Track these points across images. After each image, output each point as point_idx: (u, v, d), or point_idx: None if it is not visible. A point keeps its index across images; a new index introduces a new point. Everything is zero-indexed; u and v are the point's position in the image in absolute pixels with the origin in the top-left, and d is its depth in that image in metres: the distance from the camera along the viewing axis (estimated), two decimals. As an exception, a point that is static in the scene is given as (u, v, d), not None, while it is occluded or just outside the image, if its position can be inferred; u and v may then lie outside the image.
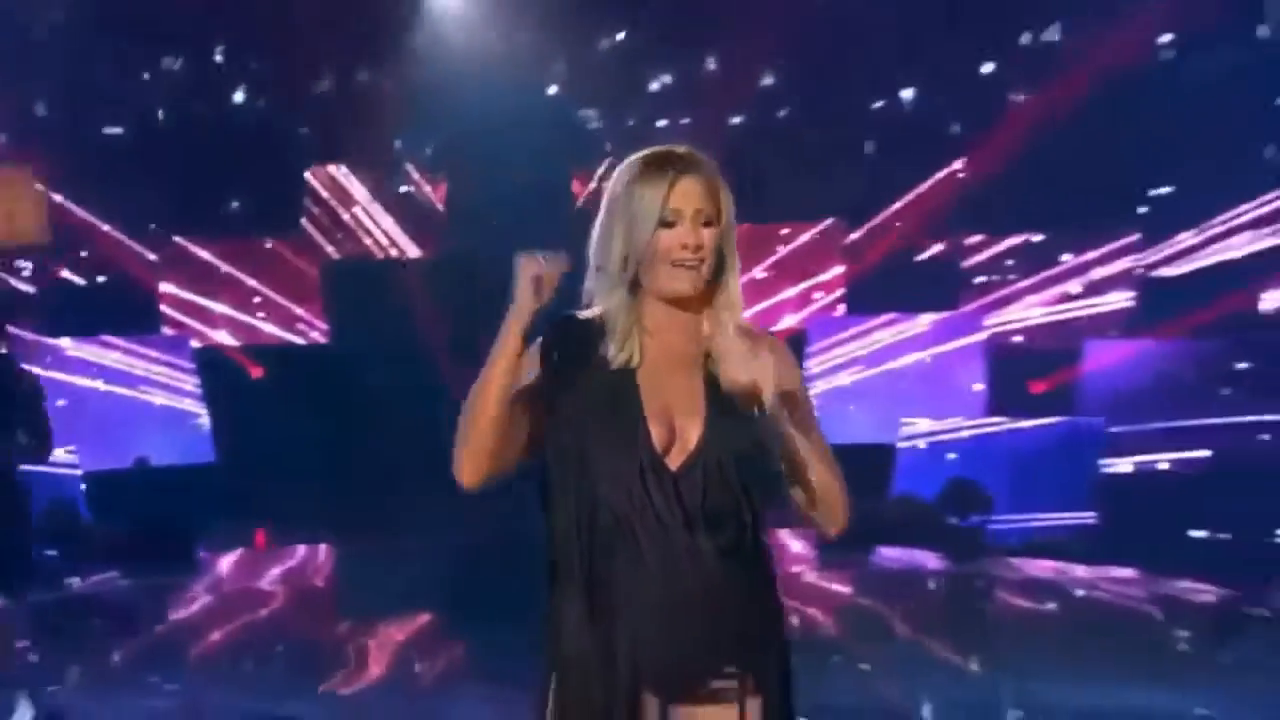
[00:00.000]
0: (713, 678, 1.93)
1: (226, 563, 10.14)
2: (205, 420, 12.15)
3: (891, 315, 12.28)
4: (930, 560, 9.92)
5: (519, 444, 1.94)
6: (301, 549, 10.54)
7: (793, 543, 10.27)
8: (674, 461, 1.91)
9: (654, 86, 13.13)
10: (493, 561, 9.08)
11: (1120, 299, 12.14)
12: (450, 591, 8.60)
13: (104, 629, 7.92)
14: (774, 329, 11.56)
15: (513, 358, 1.96)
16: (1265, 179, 11.30)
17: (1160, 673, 6.58)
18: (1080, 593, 9.20)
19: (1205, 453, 10.43)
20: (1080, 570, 9.58)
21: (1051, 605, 9.01)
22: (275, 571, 10.14)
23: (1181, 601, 8.48)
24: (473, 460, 1.96)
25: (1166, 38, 11.71)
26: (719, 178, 2.01)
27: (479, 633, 7.25)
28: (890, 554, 10.11)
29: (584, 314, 2.01)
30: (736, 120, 12.87)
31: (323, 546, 10.61)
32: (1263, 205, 11.35)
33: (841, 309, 12.83)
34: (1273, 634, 7.54)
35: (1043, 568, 9.78)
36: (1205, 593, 8.40)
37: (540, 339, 1.98)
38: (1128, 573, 9.23)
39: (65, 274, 12.59)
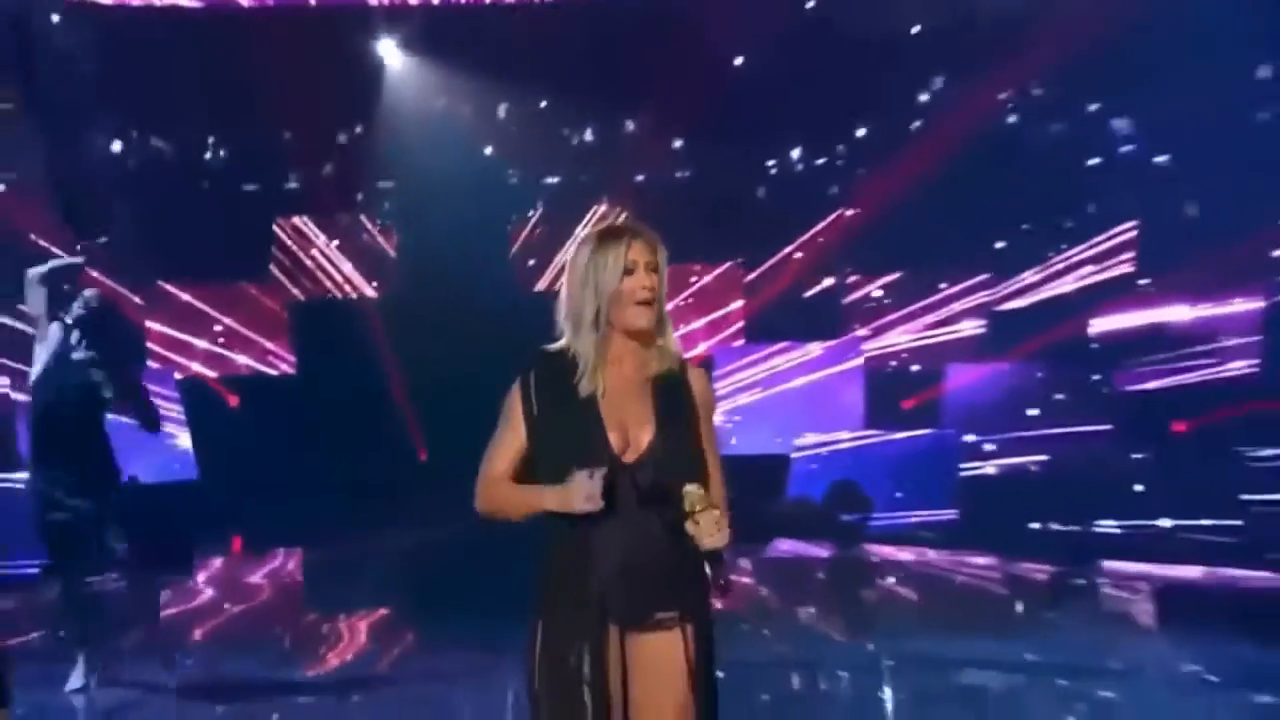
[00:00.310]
0: (658, 613, 2.45)
1: (212, 565, 10.54)
2: (186, 442, 12.44)
3: (784, 344, 12.87)
4: (818, 550, 10.67)
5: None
6: (275, 553, 10.89)
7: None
8: (629, 459, 2.37)
9: (577, 146, 13.70)
10: (440, 560, 9.79)
11: (974, 327, 12.80)
12: (406, 585, 9.30)
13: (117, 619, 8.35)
14: (686, 356, 12.48)
15: (541, 510, 2.51)
16: (1090, 227, 12.19)
17: (1003, 630, 7.59)
18: (942, 574, 9.92)
19: (1043, 457, 11.26)
20: (943, 556, 10.32)
21: (918, 584, 9.79)
22: (251, 572, 10.56)
23: (1021, 578, 9.43)
24: (491, 516, 2.54)
25: (1012, 116, 12.50)
26: (659, 240, 2.57)
27: (433, 619, 7.94)
28: (785, 545, 10.79)
29: (554, 347, 2.47)
30: (649, 175, 13.46)
31: (293, 550, 10.95)
32: (1089, 249, 12.19)
33: (741, 339, 13.42)
34: (1087, 598, 8.64)
35: (912, 554, 10.52)
36: (1039, 570, 9.38)
37: (520, 379, 2.58)
38: (981, 559, 10.02)
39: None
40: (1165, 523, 10.09)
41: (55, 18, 12.62)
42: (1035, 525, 10.44)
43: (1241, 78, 11.13)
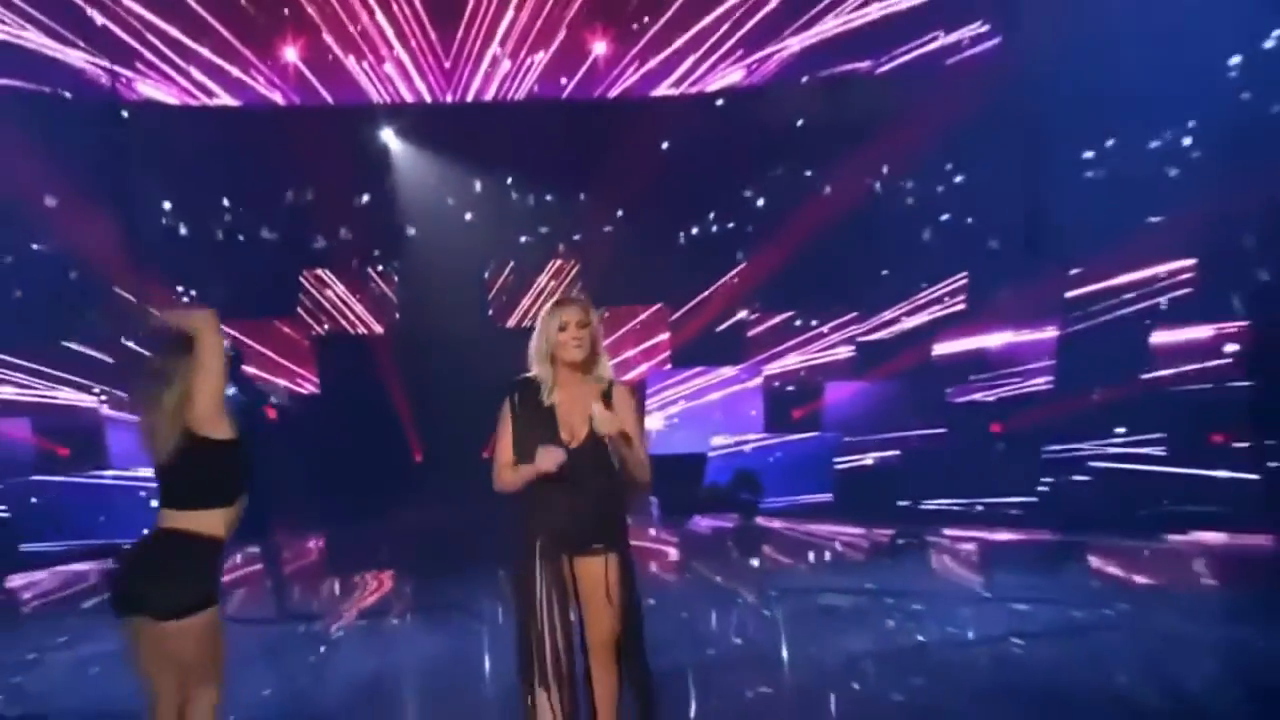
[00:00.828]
0: (593, 545, 3.51)
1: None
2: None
3: (701, 367, 13.86)
4: (726, 521, 11.69)
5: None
6: (305, 531, 11.51)
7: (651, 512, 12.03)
8: (573, 446, 3.39)
9: (538, 212, 14.58)
10: (430, 532, 10.81)
11: (846, 354, 13.89)
12: (405, 551, 10.21)
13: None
14: (625, 377, 12.98)
15: (530, 479, 3.47)
16: (933, 276, 13.27)
17: (855, 573, 8.91)
18: (820, 541, 10.86)
19: (896, 452, 12.14)
20: (820, 526, 11.36)
21: (800, 544, 10.83)
22: (289, 546, 10.58)
23: (874, 539, 10.53)
24: (504, 490, 3.52)
25: (877, 184, 13.57)
26: (589, 305, 3.55)
27: (424, 574, 9.12)
28: (702, 520, 11.94)
29: (528, 375, 3.54)
30: (596, 236, 14.40)
31: (319, 529, 11.70)
32: (931, 293, 13.34)
33: (668, 364, 14.39)
34: (916, 551, 9.69)
35: (797, 527, 11.45)
36: (889, 534, 10.36)
37: (508, 395, 3.59)
38: (849, 528, 11.07)
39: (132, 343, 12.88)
40: (981, 500, 10.99)
41: (124, 114, 13.31)
42: (902, 503, 11.22)
43: (1046, 167, 12.08)
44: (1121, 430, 10.60)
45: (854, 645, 6.28)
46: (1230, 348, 10.37)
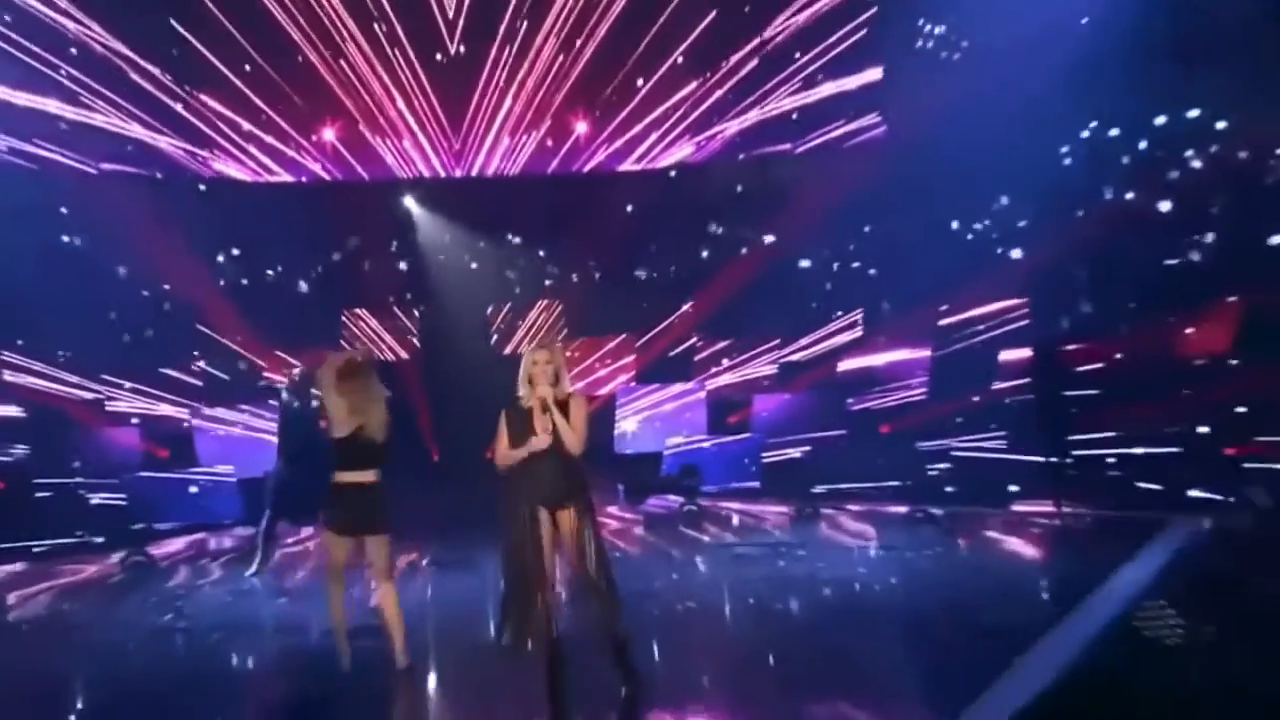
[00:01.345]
0: (564, 500, 5.04)
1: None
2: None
3: (658, 384, 14.68)
4: (674, 503, 12.41)
5: None
6: None
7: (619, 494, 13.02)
8: (564, 441, 5.03)
9: (529, 263, 15.31)
10: (446, 517, 11.20)
11: (770, 371, 14.52)
12: (427, 532, 10.47)
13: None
14: (598, 393, 14.34)
15: (523, 458, 4.96)
16: (838, 310, 13.91)
17: (768, 534, 10.31)
18: (750, 520, 11.74)
19: (808, 448, 13.04)
20: (747, 505, 12.47)
21: (729, 518, 11.86)
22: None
23: (787, 512, 11.52)
24: (504, 466, 5.00)
25: (795, 240, 14.05)
26: (554, 347, 5.28)
27: (438, 546, 9.89)
28: (655, 500, 12.86)
29: (519, 395, 5.12)
30: (576, 281, 15.14)
31: None
32: (835, 324, 13.97)
33: (633, 382, 14.99)
34: (815, 518, 11.05)
35: (731, 506, 12.53)
36: (797, 508, 11.38)
37: (504, 410, 5.23)
38: (770, 506, 12.17)
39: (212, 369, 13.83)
40: (870, 483, 12.17)
41: (202, 187, 14.14)
42: (818, 489, 12.12)
43: (923, 223, 12.73)
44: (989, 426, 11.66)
45: (753, 576, 8.09)
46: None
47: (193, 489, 12.35)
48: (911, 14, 13.07)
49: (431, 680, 5.90)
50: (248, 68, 13.95)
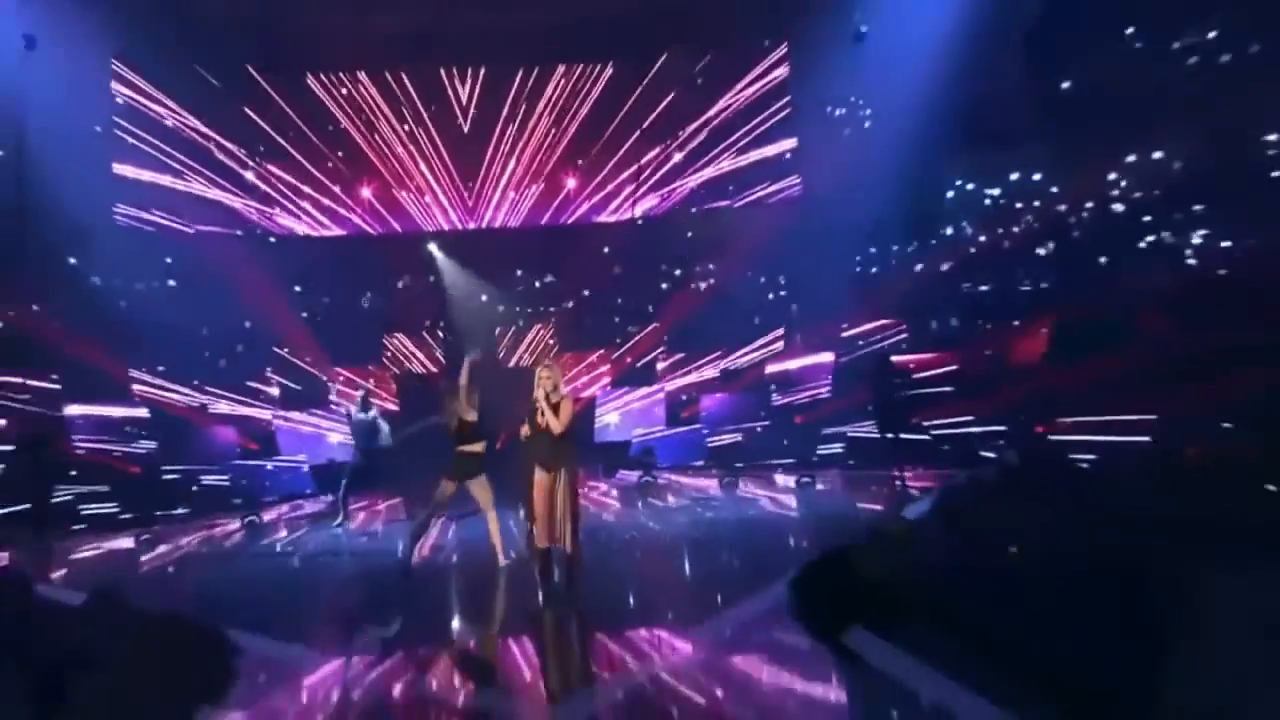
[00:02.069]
0: (558, 464, 7.65)
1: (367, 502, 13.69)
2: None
3: (628, 388, 16.53)
4: (635, 475, 14.16)
5: None
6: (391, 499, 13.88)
7: (599, 470, 14.68)
8: (545, 423, 7.75)
9: (529, 291, 17.40)
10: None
11: (714, 376, 16.30)
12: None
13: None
14: (583, 395, 16.18)
15: (528, 435, 7.70)
16: (767, 329, 15.87)
17: (708, 499, 12.17)
18: (688, 486, 13.57)
19: (739, 437, 15.04)
20: (694, 478, 14.29)
21: (679, 488, 13.50)
22: (386, 498, 13.79)
23: (719, 483, 13.30)
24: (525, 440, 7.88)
25: (733, 274, 16.19)
26: (555, 367, 7.81)
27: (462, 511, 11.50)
28: (623, 474, 14.72)
29: (535, 397, 7.83)
30: (569, 306, 17.24)
31: (399, 488, 13.81)
32: (764, 340, 16.00)
33: (610, 386, 16.78)
34: (736, 486, 12.95)
35: (676, 478, 14.42)
36: (723, 478, 13.35)
37: (528, 414, 7.82)
38: (709, 480, 13.94)
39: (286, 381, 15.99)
40: (786, 459, 14.20)
41: (272, 239, 16.18)
42: (736, 464, 14.17)
43: (830, 259, 14.74)
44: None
45: (680, 520, 10.72)
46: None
47: (278, 471, 14.91)
48: (820, 100, 15.85)
49: (477, 575, 8.87)
50: (303, 142, 16.48)
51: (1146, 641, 4.27)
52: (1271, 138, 12.61)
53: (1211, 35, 13.14)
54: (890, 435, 11.98)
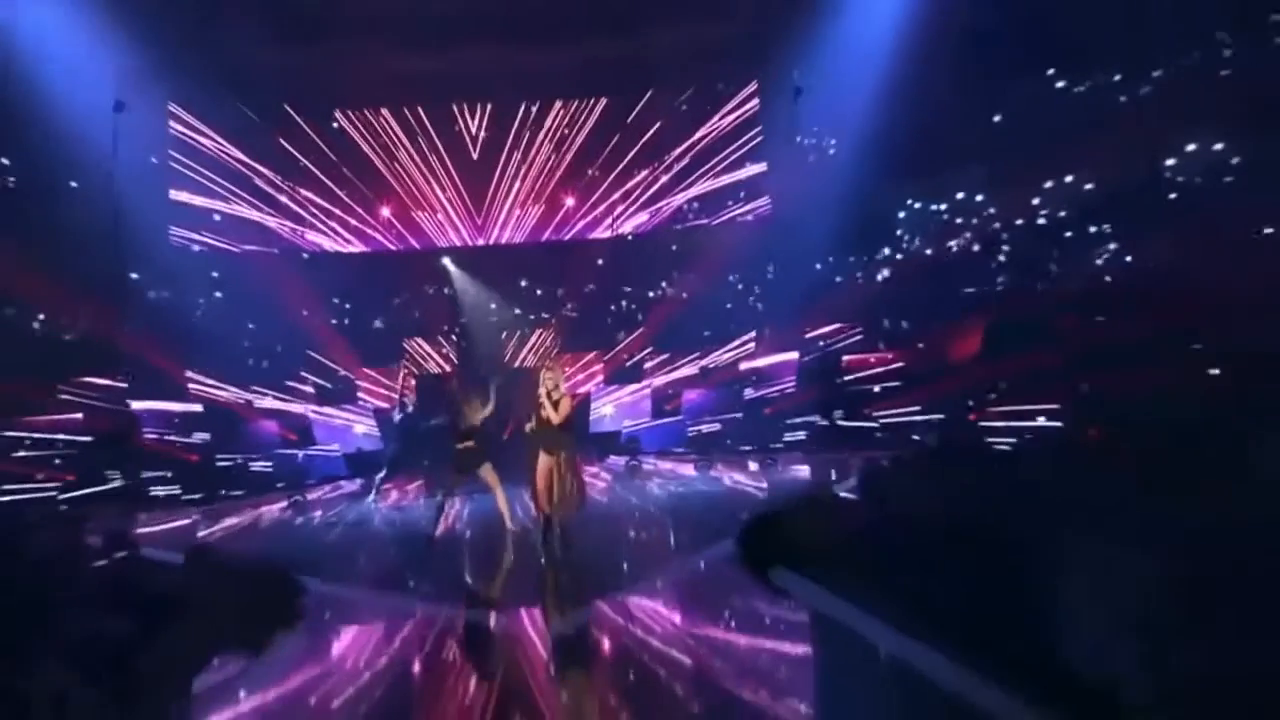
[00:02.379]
0: (553, 451, 9.83)
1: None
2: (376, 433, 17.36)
3: (619, 384, 18.13)
4: (620, 462, 16.02)
5: None
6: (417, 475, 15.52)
7: (593, 455, 15.92)
8: (549, 418, 9.97)
9: (531, 297, 18.89)
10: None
11: (693, 372, 17.92)
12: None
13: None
14: (579, 390, 17.52)
15: (534, 427, 9.88)
16: (741, 331, 17.54)
17: (683, 477, 14.42)
18: (667, 469, 15.50)
19: (718, 426, 16.78)
20: (674, 463, 16.10)
21: (657, 471, 15.45)
22: (411, 480, 15.55)
23: (695, 466, 15.36)
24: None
25: (711, 283, 17.59)
26: (557, 367, 10.02)
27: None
28: (613, 459, 16.45)
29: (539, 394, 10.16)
30: (568, 313, 18.72)
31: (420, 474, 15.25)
32: (739, 340, 17.62)
33: (603, 384, 18.35)
34: (709, 467, 15.33)
35: (657, 463, 16.26)
36: (714, 465, 15.28)
37: (535, 408, 10.05)
38: (686, 465, 15.66)
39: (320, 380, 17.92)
40: (756, 445, 15.94)
41: (305, 255, 18.08)
42: (742, 448, 15.82)
43: (792, 272, 16.57)
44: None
45: (659, 494, 12.86)
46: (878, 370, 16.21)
47: (315, 459, 16.77)
48: (786, 131, 17.72)
49: (489, 542, 11.16)
50: (332, 169, 18.33)
51: (1013, 578, 6.43)
52: (1170, 162, 14.69)
53: (1116, 78, 15.27)
54: (829, 422, 13.93)
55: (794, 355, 16.91)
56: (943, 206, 16.33)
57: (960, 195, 16.05)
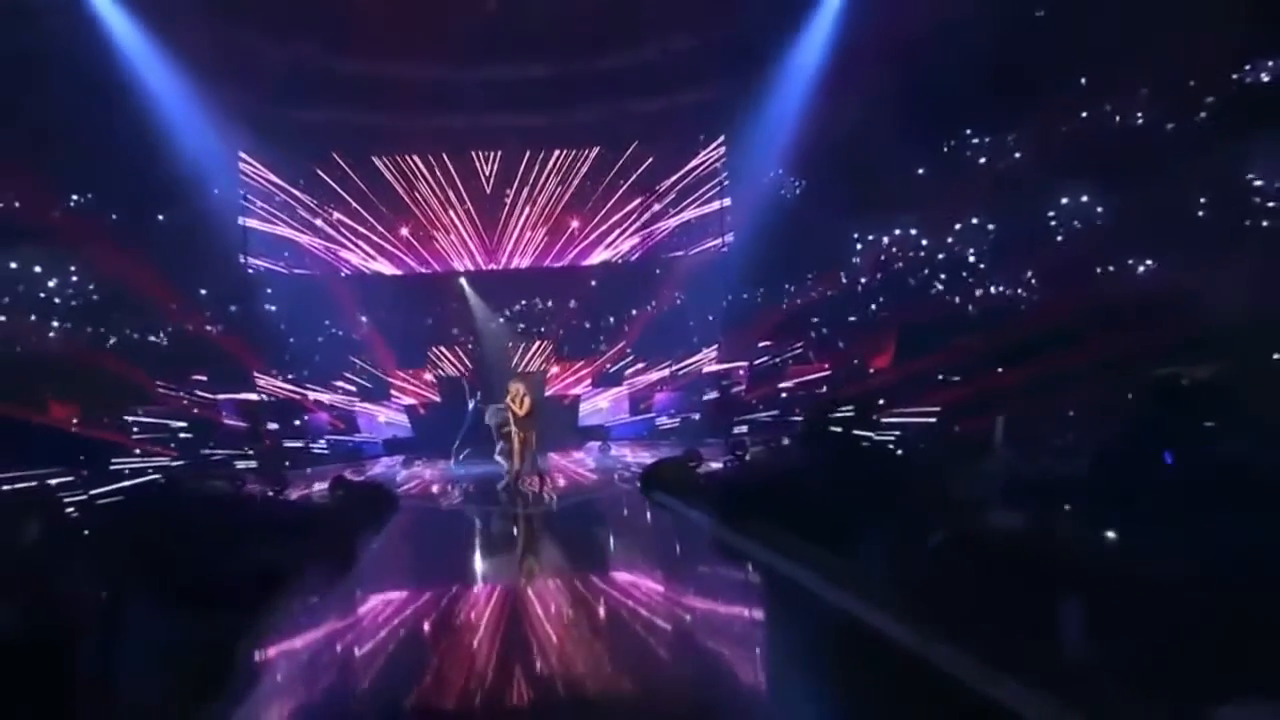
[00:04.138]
0: (525, 430, 15.82)
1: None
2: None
3: (603, 387, 22.78)
4: (596, 446, 20.86)
5: None
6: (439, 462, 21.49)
7: (581, 444, 21.43)
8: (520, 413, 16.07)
9: (528, 314, 24.10)
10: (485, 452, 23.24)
11: (662, 378, 22.72)
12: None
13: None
14: (571, 392, 22.94)
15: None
16: (705, 343, 22.41)
17: (641, 456, 21.26)
18: (644, 454, 19.28)
19: (678, 423, 21.42)
20: (643, 450, 20.23)
21: (623, 453, 20.12)
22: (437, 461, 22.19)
23: (660, 452, 20.22)
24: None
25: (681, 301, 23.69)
26: (522, 380, 15.97)
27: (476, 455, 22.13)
28: (592, 445, 21.20)
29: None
30: (559, 327, 23.89)
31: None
32: (705, 351, 22.44)
33: (591, 387, 22.90)
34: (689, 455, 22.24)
35: (625, 449, 20.81)
36: (676, 451, 21.12)
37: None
38: (647, 452, 19.32)
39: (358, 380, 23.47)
40: (713, 437, 20.28)
41: (344, 273, 23.58)
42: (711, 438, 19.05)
43: (754, 296, 22.73)
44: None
45: (624, 473, 18.91)
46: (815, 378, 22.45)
47: (361, 444, 22.20)
48: (748, 174, 23.60)
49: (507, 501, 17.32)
50: (368, 203, 23.86)
51: (780, 496, 12.53)
52: (1051, 214, 20.36)
53: (1010, 138, 21.07)
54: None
55: (744, 363, 22.48)
56: (869, 242, 22.15)
57: (891, 233, 21.79)
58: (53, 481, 10.84)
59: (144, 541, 6.61)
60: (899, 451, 12.32)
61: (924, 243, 21.35)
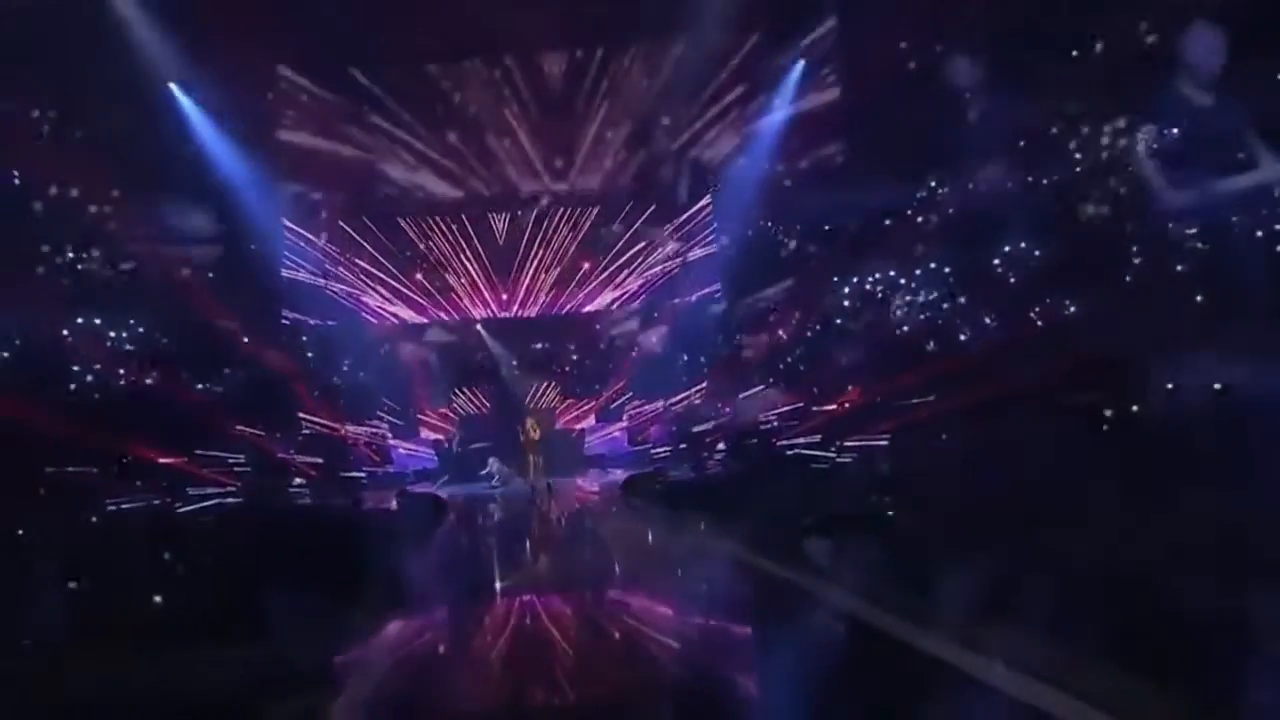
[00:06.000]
0: (536, 454, 23.29)
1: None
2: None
3: (605, 423, 26.42)
4: (596, 472, 25.31)
5: None
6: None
7: (586, 471, 25.92)
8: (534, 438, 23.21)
9: (542, 356, 27.53)
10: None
11: (658, 414, 25.73)
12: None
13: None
14: (576, 427, 27.90)
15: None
16: (688, 385, 25.47)
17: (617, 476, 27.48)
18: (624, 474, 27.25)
19: (668, 452, 25.31)
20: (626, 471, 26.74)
21: (615, 477, 23.83)
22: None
23: (648, 471, 28.19)
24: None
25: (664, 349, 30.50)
26: (535, 413, 23.04)
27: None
28: (594, 472, 25.04)
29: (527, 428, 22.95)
30: (566, 368, 27.75)
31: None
32: (689, 391, 25.47)
33: (594, 421, 26.51)
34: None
35: (618, 470, 24.98)
36: (653, 470, 27.41)
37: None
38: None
39: (390, 418, 29.86)
40: (693, 463, 26.00)
41: (373, 320, 31.30)
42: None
43: (735, 349, 30.59)
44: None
45: (613, 487, 25.12)
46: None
47: (395, 474, 27.31)
48: (734, 227, 30.01)
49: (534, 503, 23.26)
50: (393, 258, 29.30)
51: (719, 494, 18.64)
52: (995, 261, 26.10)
53: (943, 191, 26.98)
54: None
55: (730, 400, 28.41)
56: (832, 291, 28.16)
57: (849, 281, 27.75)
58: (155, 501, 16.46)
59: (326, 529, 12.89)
60: (818, 466, 18.24)
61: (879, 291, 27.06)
